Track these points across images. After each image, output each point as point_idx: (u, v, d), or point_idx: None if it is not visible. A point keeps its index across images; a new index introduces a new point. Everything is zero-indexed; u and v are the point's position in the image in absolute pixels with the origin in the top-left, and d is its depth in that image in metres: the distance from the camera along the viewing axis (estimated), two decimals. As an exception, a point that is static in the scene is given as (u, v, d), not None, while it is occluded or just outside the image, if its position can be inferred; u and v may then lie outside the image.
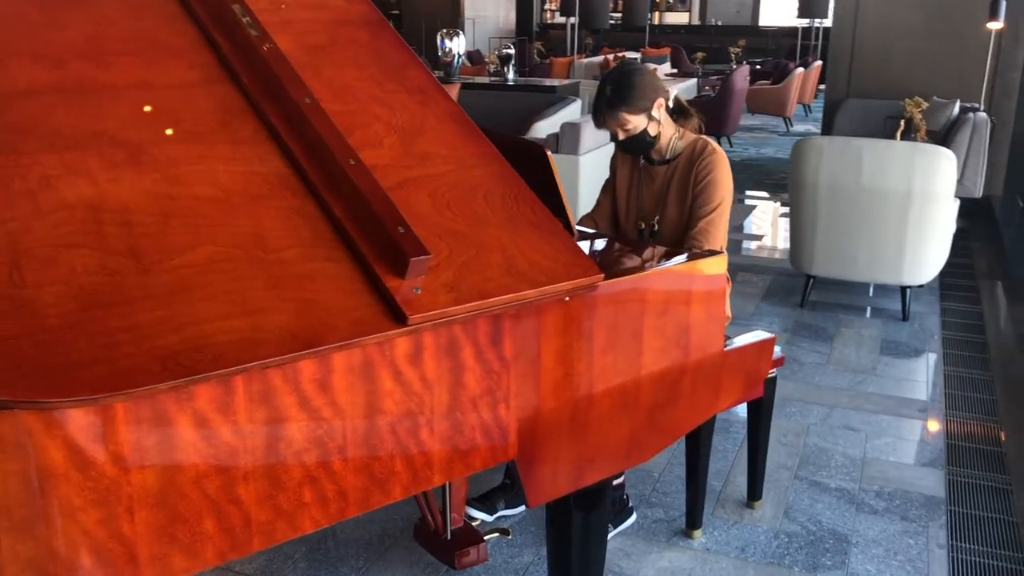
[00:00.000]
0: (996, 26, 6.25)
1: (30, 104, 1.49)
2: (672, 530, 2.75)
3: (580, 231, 2.22)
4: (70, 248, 1.30)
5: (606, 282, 1.71)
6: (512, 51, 8.96)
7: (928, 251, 4.45)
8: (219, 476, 1.30)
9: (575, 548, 1.97)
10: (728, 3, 20.09)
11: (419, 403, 1.49)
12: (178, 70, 1.67)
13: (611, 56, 12.21)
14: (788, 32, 17.01)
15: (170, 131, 1.56)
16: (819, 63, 12.51)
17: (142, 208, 1.41)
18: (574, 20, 12.32)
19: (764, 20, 19.74)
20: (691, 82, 11.56)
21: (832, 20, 8.15)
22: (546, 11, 19.94)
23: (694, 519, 2.70)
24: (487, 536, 2.36)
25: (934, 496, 2.95)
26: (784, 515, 2.84)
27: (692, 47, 15.54)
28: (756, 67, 13.68)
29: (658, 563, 2.58)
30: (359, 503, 1.46)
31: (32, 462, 1.16)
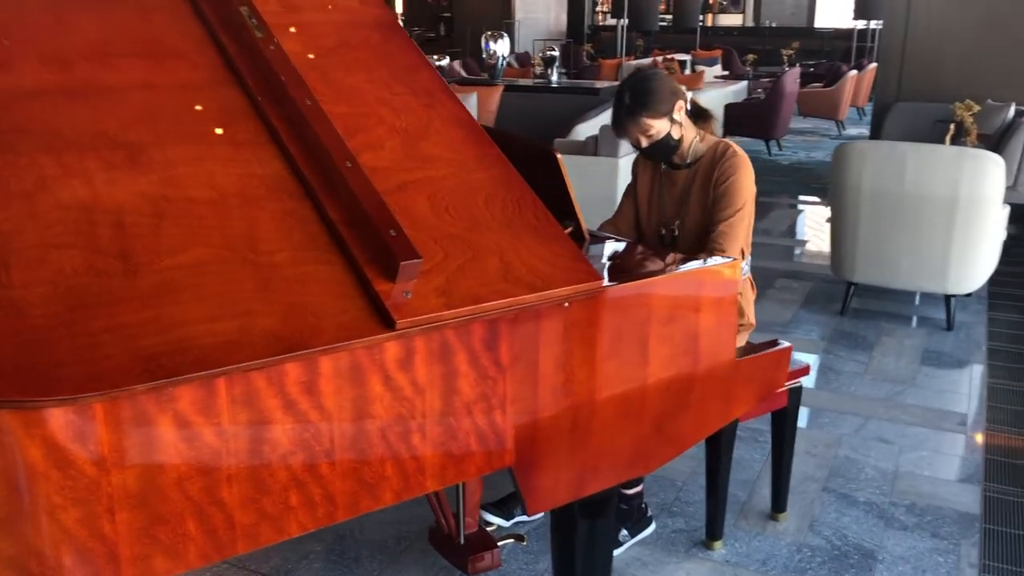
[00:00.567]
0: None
1: (34, 105, 1.51)
2: (692, 541, 2.70)
3: (594, 235, 2.19)
4: (60, 249, 1.32)
5: (608, 288, 1.68)
6: (556, 53, 8.93)
7: (975, 259, 4.32)
8: (201, 478, 1.30)
9: (579, 556, 1.94)
10: (783, 4, 19.79)
11: (410, 408, 1.48)
12: (183, 71, 1.68)
13: (660, 58, 12.09)
14: (843, 34, 16.69)
15: (171, 132, 1.57)
16: (873, 65, 12.24)
17: (136, 209, 1.42)
18: (624, 22, 12.27)
19: (820, 21, 19.41)
20: (741, 85, 11.43)
21: (882, 22, 7.95)
22: (597, 13, 19.87)
23: (714, 530, 2.65)
24: (501, 542, 2.35)
25: (968, 512, 2.86)
26: (809, 528, 2.77)
27: (745, 49, 15.34)
28: (809, 69, 13.47)
29: (675, 574, 2.54)
30: (348, 508, 1.45)
31: (12, 460, 1.17)
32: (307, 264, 1.44)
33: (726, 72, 13.14)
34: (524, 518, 2.75)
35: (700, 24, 16.87)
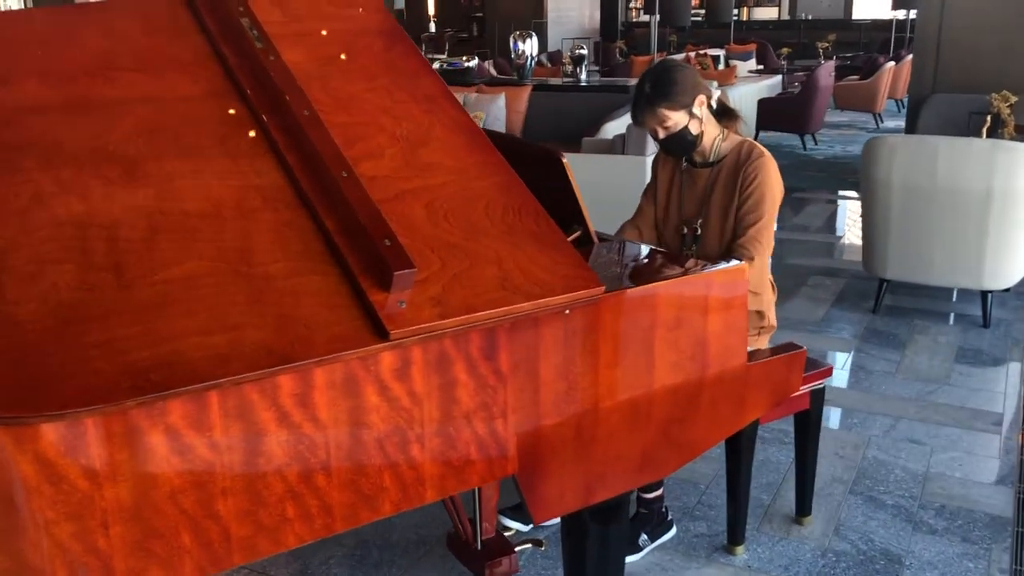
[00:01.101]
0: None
1: (34, 121, 1.53)
2: (714, 545, 2.66)
3: (603, 238, 2.16)
4: (53, 264, 1.33)
5: (610, 294, 1.66)
6: (585, 52, 8.88)
7: (1012, 253, 4.22)
8: (196, 491, 1.30)
9: (590, 563, 1.92)
10: (819, -4, 19.53)
11: (408, 418, 1.47)
12: (183, 84, 1.69)
13: (693, 53, 11.99)
14: (881, 25, 16.39)
15: (170, 146, 1.57)
16: (911, 57, 12.03)
17: (131, 223, 1.42)
18: (656, 18, 12.16)
19: (858, 13, 19.10)
20: (776, 79, 11.28)
21: (917, 12, 7.79)
22: (631, 9, 19.74)
23: (736, 535, 2.61)
24: (519, 547, 2.33)
25: (1000, 516, 2.78)
26: (834, 532, 2.72)
27: (780, 42, 15.15)
28: (846, 62, 13.26)
29: (696, 580, 2.51)
30: (346, 519, 1.45)
31: (5, 476, 1.19)
32: (301, 275, 1.44)
33: (760, 67, 12.98)
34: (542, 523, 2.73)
35: (735, 18, 16.70)
